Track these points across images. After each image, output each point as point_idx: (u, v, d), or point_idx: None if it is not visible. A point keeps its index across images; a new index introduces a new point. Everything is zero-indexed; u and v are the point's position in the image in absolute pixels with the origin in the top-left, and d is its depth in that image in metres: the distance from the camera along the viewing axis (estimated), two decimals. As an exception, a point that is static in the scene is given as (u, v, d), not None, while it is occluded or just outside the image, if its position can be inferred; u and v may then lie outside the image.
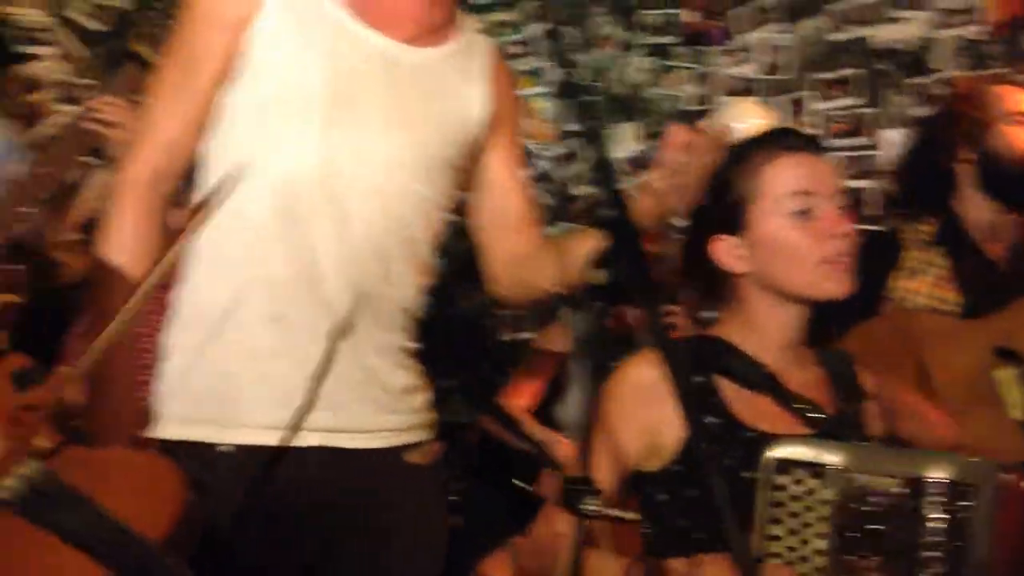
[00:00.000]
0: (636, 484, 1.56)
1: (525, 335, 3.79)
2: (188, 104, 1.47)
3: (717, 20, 3.57)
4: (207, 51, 1.46)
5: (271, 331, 1.42)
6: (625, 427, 1.51)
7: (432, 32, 1.54)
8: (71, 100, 3.32)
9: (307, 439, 1.41)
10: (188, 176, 1.55)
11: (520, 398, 2.96)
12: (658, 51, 3.64)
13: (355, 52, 1.47)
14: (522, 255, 1.65)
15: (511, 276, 1.67)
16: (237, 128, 1.47)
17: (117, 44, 3.42)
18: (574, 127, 3.76)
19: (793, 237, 1.52)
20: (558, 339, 2.95)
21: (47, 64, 3.26)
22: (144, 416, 1.45)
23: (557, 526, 1.45)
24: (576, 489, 1.12)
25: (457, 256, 3.63)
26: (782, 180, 1.54)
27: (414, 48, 1.52)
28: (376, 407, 1.48)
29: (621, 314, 2.77)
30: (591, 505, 1.12)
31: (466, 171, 1.61)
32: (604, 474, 1.45)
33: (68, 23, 3.30)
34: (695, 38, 3.61)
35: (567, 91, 1.51)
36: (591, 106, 1.38)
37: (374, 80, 1.48)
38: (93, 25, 3.37)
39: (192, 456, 1.36)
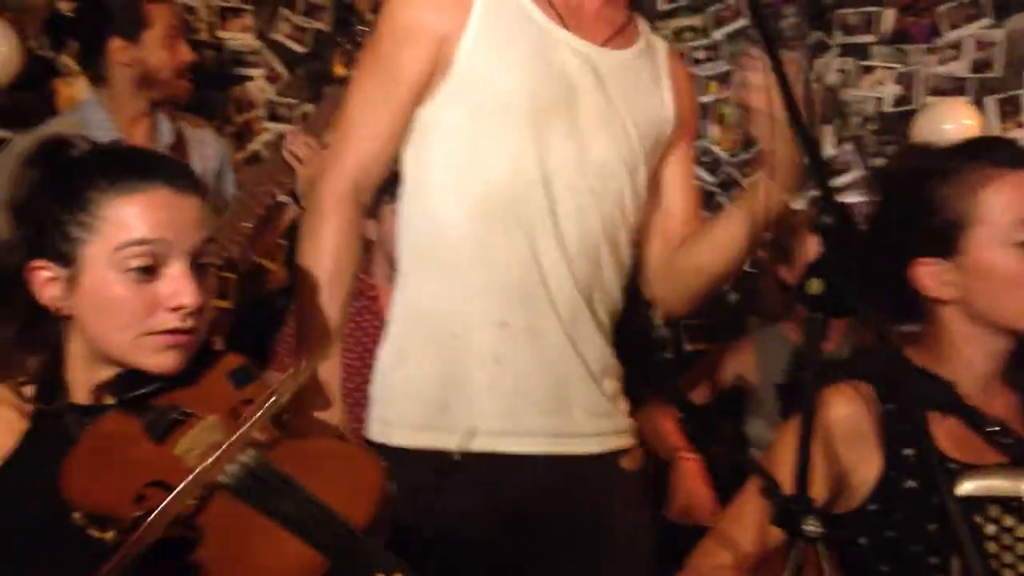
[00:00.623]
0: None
1: (709, 346, 3.71)
2: (388, 117, 1.48)
3: (921, 16, 3.39)
4: (409, 65, 1.46)
5: (497, 337, 1.43)
6: (818, 465, 1.37)
7: (622, 34, 1.54)
8: (276, 118, 3.50)
9: (533, 445, 1.41)
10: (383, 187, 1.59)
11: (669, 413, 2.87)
12: (856, 50, 3.48)
13: (563, 58, 1.47)
14: (674, 250, 1.61)
15: (666, 276, 1.63)
16: (443, 140, 1.48)
17: (317, 64, 3.59)
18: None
19: (1018, 269, 1.38)
20: (737, 356, 2.87)
21: (256, 84, 3.44)
22: (348, 415, 1.54)
23: (719, 558, 1.39)
24: (795, 509, 1.07)
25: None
26: (1006, 205, 1.38)
27: (611, 51, 1.52)
28: (594, 412, 1.48)
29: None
30: (813, 526, 1.07)
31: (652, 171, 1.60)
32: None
33: (273, 45, 3.47)
34: (896, 36, 3.44)
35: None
36: (806, 109, 1.31)
37: (583, 85, 1.48)
38: (295, 47, 3.53)
39: (423, 462, 1.38)
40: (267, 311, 3.36)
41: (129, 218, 1.22)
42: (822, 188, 1.22)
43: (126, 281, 1.22)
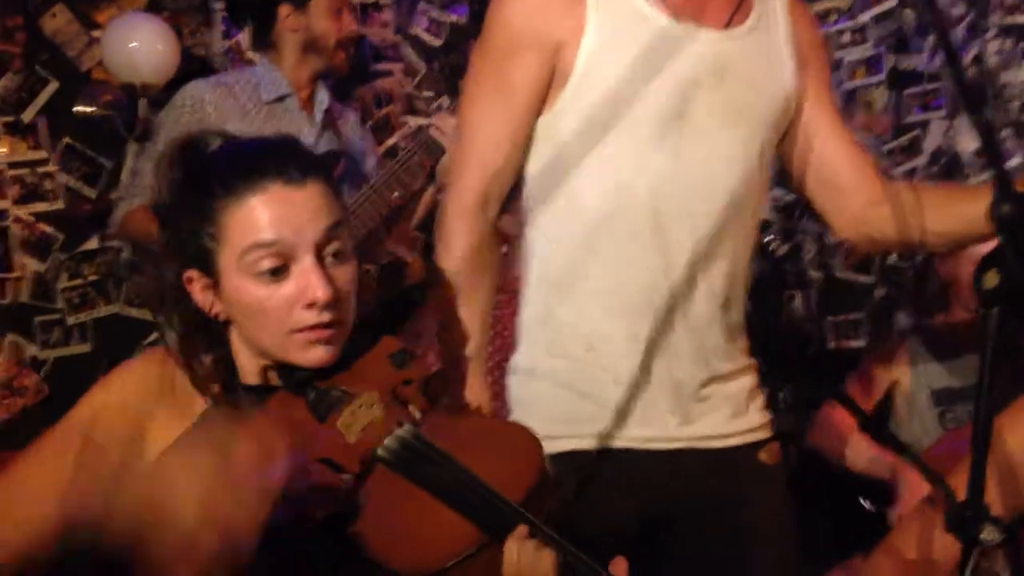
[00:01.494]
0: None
1: (854, 344, 3.59)
2: (507, 129, 1.45)
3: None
4: (525, 75, 1.43)
5: (630, 350, 1.41)
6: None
7: (740, 8, 1.48)
8: (414, 112, 3.55)
9: (667, 443, 1.41)
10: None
11: (846, 414, 2.78)
12: (1015, 31, 3.29)
13: (683, 54, 1.43)
14: (867, 203, 1.52)
15: (863, 233, 1.55)
16: (566, 147, 1.45)
17: (454, 57, 3.62)
18: (912, 119, 3.51)
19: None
20: (890, 360, 2.75)
21: (394, 79, 3.50)
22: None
23: (907, 554, 1.34)
24: (970, 516, 1.01)
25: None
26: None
27: (731, 31, 1.47)
28: (729, 412, 1.47)
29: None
30: (990, 535, 1.01)
31: (783, 134, 1.54)
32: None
33: (410, 39, 3.52)
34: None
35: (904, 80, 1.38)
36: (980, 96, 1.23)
37: (706, 79, 1.44)
38: (432, 40, 3.58)
39: (563, 465, 1.37)
40: (405, 305, 3.43)
41: (247, 223, 1.21)
42: (999, 176, 1.15)
43: (258, 284, 1.22)
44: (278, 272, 1.22)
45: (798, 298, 3.69)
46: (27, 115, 3.02)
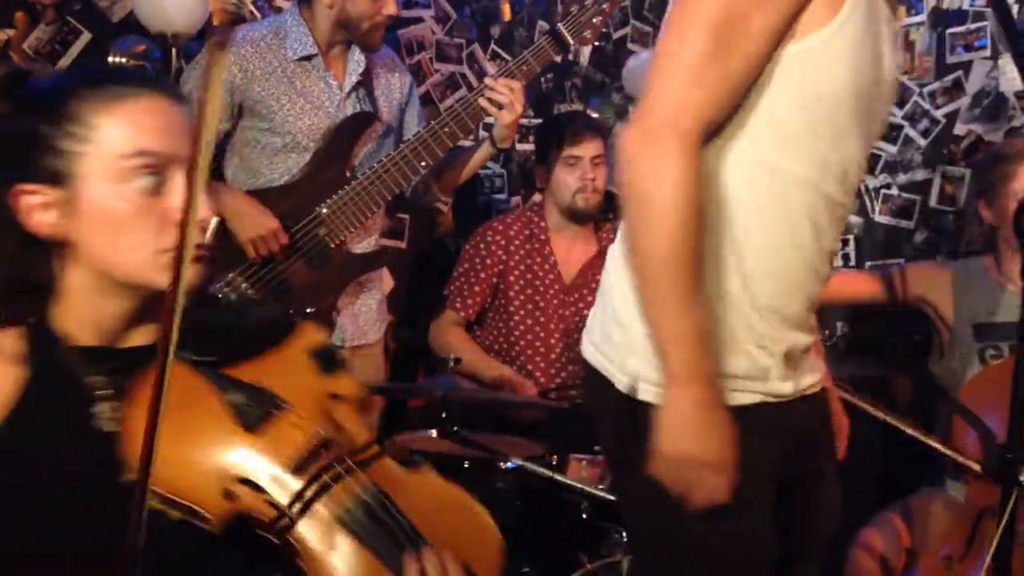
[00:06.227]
0: None
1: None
2: (743, 67, 1.28)
3: None
4: (765, 29, 1.26)
5: (767, 322, 1.36)
6: None
7: None
8: (445, 59, 3.51)
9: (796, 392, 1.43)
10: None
11: None
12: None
13: (881, 37, 1.37)
14: None
15: None
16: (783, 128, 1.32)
17: (484, 3, 3.57)
18: (954, 59, 3.41)
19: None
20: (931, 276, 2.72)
21: (425, 25, 3.46)
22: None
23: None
24: (1012, 459, 1.00)
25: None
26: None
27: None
28: (819, 362, 1.51)
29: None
30: (1030, 477, 1.00)
31: None
32: None
33: (441, -15, 3.48)
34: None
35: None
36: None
37: (888, 67, 1.40)
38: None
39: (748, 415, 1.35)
40: (440, 253, 3.43)
41: (131, 125, 1.11)
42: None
43: (131, 194, 1.11)
44: (154, 184, 1.12)
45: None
46: (60, 66, 3.03)
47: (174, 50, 2.82)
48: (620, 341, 1.38)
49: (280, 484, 1.06)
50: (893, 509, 2.56)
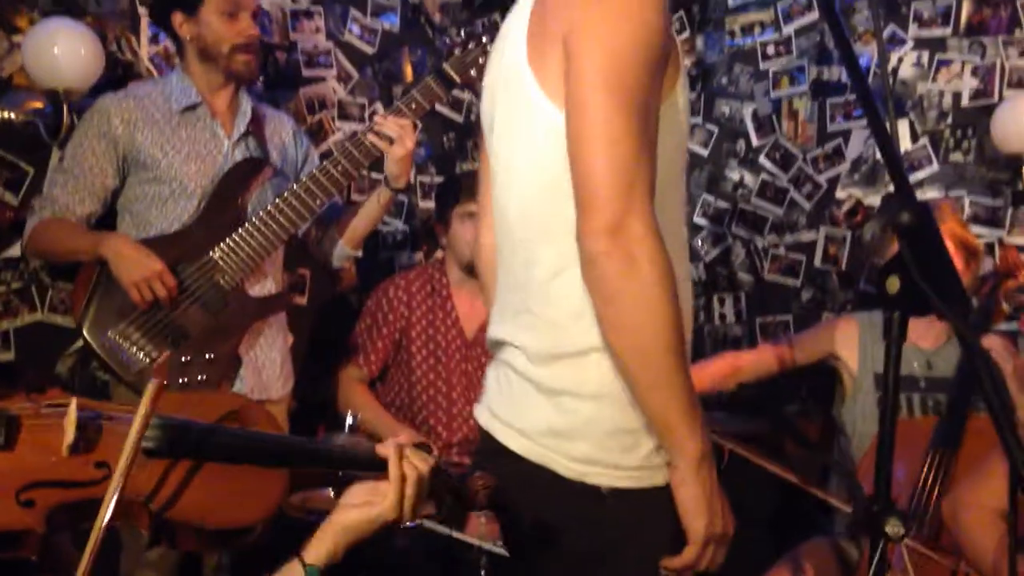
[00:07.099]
0: None
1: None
2: (650, 145, 1.32)
3: (999, 8, 3.30)
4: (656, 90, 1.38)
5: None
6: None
7: None
8: (347, 118, 3.55)
9: None
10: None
11: None
12: (932, 44, 3.41)
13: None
14: None
15: None
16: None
17: (386, 64, 3.63)
18: (835, 127, 3.59)
19: None
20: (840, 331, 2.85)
21: (327, 85, 3.50)
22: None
23: None
24: (877, 511, 1.06)
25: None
26: None
27: None
28: None
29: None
30: (893, 528, 1.05)
31: None
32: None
33: (343, 46, 3.52)
34: (974, 28, 3.35)
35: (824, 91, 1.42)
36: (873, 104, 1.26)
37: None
38: (365, 48, 3.58)
39: None
40: (342, 309, 3.42)
41: None
42: (899, 185, 1.20)
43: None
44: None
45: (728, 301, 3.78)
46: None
47: (65, 106, 2.78)
48: (565, 428, 1.36)
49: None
50: (784, 560, 2.64)
